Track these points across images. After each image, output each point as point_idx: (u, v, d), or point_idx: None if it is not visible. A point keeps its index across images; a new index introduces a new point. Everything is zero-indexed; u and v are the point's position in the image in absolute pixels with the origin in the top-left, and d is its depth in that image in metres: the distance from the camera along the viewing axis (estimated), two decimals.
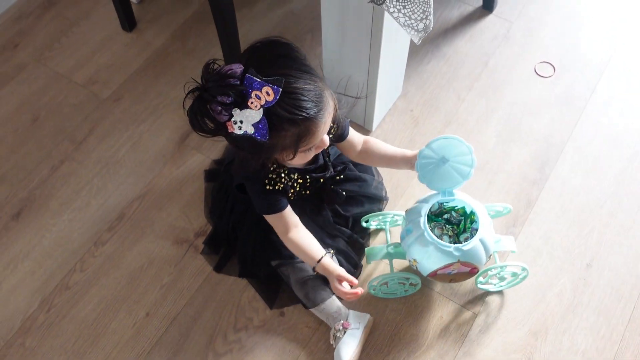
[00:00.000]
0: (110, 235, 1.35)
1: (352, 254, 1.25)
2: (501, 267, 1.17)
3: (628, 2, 1.70)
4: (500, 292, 1.25)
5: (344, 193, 1.19)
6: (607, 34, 1.64)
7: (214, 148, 1.47)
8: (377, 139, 1.22)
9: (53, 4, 1.77)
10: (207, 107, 0.85)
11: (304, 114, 0.86)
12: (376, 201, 1.31)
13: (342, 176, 1.20)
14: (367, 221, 1.28)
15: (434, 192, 1.14)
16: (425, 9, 1.05)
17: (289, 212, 1.11)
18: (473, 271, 1.12)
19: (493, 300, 1.25)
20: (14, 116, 1.55)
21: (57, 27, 1.72)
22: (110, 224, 1.37)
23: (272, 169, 1.06)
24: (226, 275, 1.29)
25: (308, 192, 1.16)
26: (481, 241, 1.08)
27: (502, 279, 1.22)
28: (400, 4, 1.02)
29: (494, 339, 1.20)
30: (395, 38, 1.27)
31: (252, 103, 0.84)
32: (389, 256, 1.19)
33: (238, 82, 0.83)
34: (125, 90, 1.59)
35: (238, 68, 0.84)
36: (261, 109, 0.84)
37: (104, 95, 1.58)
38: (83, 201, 1.40)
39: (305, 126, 0.88)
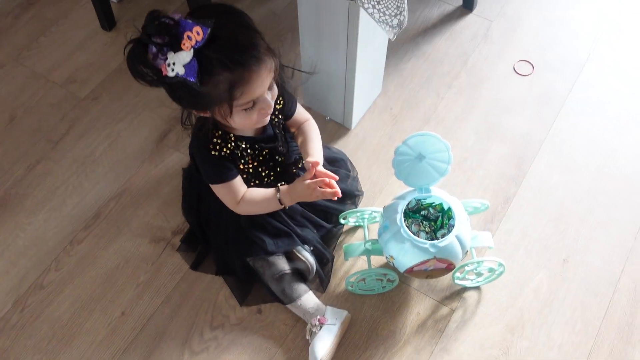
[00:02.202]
0: (86, 234, 1.34)
1: (323, 248, 1.23)
2: (478, 262, 1.17)
3: (607, 1, 1.71)
4: (477, 288, 1.26)
5: None
6: (585, 33, 1.65)
7: None
8: (312, 128, 1.20)
9: (32, 4, 1.76)
10: (144, 51, 0.86)
11: (234, 57, 0.87)
12: (350, 196, 1.30)
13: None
14: (345, 218, 1.28)
15: (411, 188, 1.14)
16: (399, 4, 1.05)
17: (238, 181, 1.09)
18: (449, 267, 1.12)
19: (470, 296, 1.25)
20: None
21: (35, 27, 1.71)
22: (86, 223, 1.35)
23: (217, 134, 1.05)
24: (203, 274, 1.28)
25: (266, 170, 1.14)
26: (457, 237, 1.08)
27: (479, 274, 1.22)
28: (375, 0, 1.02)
29: (470, 335, 1.20)
30: (373, 36, 1.27)
31: (184, 44, 0.85)
32: (367, 252, 1.18)
33: (172, 23, 0.85)
34: (104, 89, 1.58)
35: (176, 15, 0.86)
36: (192, 50, 0.84)
37: (82, 94, 1.57)
38: (59, 200, 1.39)
39: (238, 73, 0.88)
